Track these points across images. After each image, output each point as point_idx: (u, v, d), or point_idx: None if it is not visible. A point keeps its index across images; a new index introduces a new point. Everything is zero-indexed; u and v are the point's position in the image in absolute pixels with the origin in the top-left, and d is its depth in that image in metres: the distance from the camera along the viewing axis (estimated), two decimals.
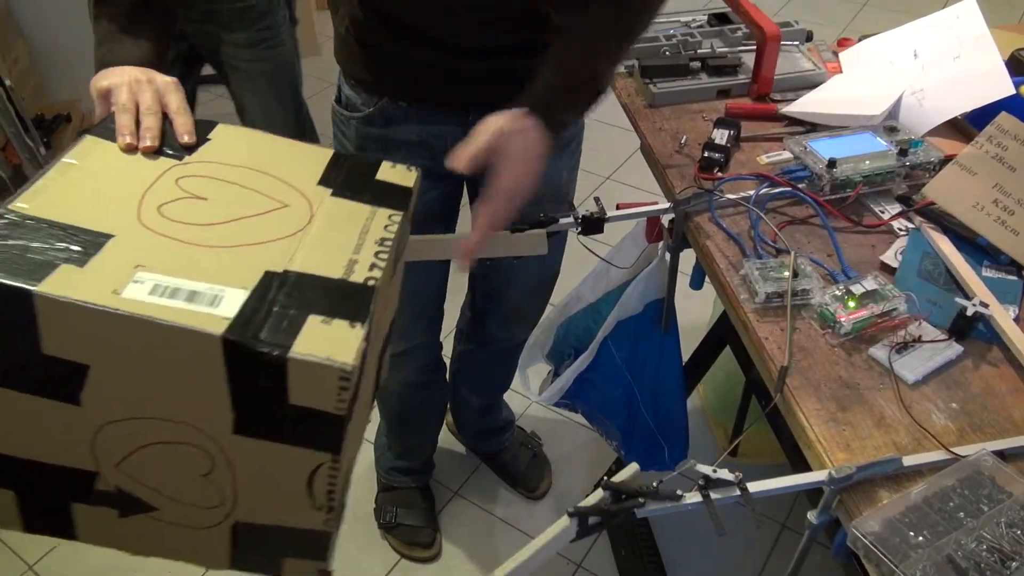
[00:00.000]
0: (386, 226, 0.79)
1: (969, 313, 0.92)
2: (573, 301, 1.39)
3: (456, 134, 1.04)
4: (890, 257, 1.05)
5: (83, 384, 0.65)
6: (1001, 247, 1.03)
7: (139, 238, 0.69)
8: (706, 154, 1.19)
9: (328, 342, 0.64)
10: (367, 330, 0.66)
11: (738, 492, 0.79)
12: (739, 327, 1.01)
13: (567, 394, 1.36)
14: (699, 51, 1.39)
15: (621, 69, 1.43)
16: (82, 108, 2.69)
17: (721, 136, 1.22)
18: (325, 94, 1.06)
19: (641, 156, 1.32)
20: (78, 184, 0.73)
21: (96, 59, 0.87)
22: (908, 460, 0.81)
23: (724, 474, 0.79)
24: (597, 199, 1.12)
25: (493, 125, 0.89)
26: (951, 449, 0.82)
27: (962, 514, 0.76)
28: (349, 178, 0.84)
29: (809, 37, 1.46)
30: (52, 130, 2.49)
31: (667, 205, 1.16)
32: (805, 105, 1.29)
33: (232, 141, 0.85)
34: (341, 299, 0.68)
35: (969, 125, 1.24)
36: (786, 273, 0.98)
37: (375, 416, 1.67)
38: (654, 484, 0.79)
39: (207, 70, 2.02)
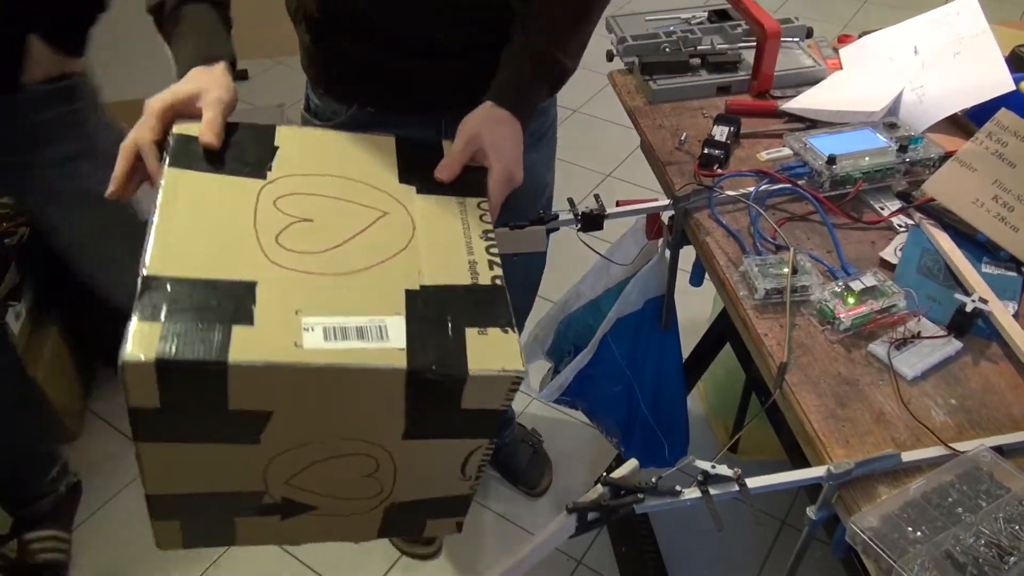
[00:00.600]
0: (481, 216, 0.83)
1: (968, 309, 0.92)
2: (573, 298, 1.39)
3: (430, 136, 1.04)
4: (889, 253, 1.05)
5: (265, 427, 0.70)
6: (1001, 243, 1.03)
7: (280, 279, 0.71)
8: (706, 151, 1.19)
9: (494, 353, 0.70)
10: (517, 330, 0.72)
11: (737, 488, 0.79)
12: (739, 324, 1.01)
13: (567, 391, 1.36)
14: (699, 48, 1.39)
15: (618, 57, 1.43)
16: None
17: (721, 133, 1.22)
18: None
19: (641, 153, 1.32)
20: (191, 228, 0.73)
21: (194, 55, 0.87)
22: (907, 456, 0.81)
23: (723, 470, 0.79)
24: (597, 196, 1.12)
25: (465, 129, 0.90)
26: (950, 445, 0.82)
27: (960, 510, 0.76)
28: (425, 171, 0.86)
29: (809, 33, 1.45)
30: None
31: (667, 202, 1.16)
32: (805, 101, 1.29)
33: (299, 145, 0.86)
34: (483, 306, 0.73)
35: (969, 121, 1.24)
36: (785, 269, 0.98)
37: None
38: (653, 480, 0.80)
39: None
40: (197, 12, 0.90)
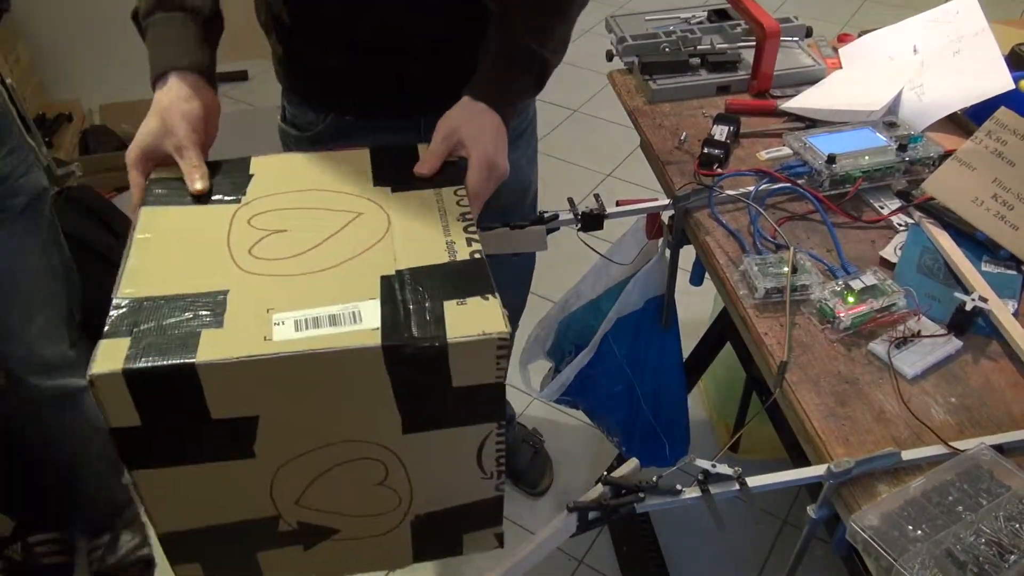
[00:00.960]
0: (458, 201, 0.82)
1: (968, 308, 0.92)
2: (573, 298, 1.39)
3: (409, 140, 1.04)
4: (889, 252, 1.05)
5: (255, 436, 0.67)
6: (1000, 242, 1.03)
7: (251, 285, 0.70)
8: (706, 150, 1.19)
9: (474, 319, 0.67)
10: (499, 298, 0.69)
11: (737, 487, 0.79)
12: (739, 323, 1.01)
13: (568, 390, 1.36)
14: (699, 47, 1.39)
15: (618, 57, 1.43)
16: (82, 107, 2.69)
17: (721, 132, 1.22)
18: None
19: (641, 153, 1.33)
20: (164, 255, 0.73)
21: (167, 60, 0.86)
22: (907, 454, 0.81)
23: (723, 469, 0.79)
24: (597, 196, 1.12)
25: (443, 124, 0.89)
26: (950, 443, 0.82)
27: (961, 508, 0.76)
28: (399, 171, 0.86)
29: (809, 33, 1.46)
30: (54, 129, 2.49)
31: (667, 201, 1.16)
32: (805, 101, 1.29)
33: (273, 169, 0.86)
34: (462, 279, 0.71)
35: (969, 120, 1.24)
36: (785, 269, 0.98)
37: None
38: (654, 479, 0.80)
39: None
40: (164, 22, 0.87)
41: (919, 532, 0.74)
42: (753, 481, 0.80)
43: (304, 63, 1.03)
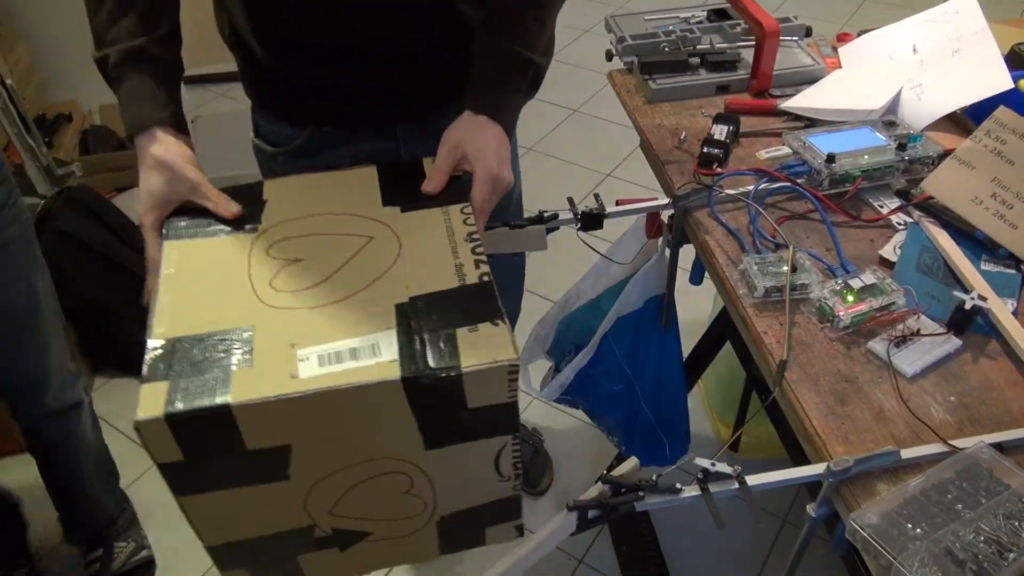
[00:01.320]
0: (465, 220, 0.85)
1: (967, 307, 0.92)
2: (573, 297, 1.39)
3: (388, 149, 1.04)
4: (889, 251, 1.05)
5: (288, 461, 0.72)
6: (1000, 241, 1.03)
7: (275, 319, 0.74)
8: (705, 150, 1.19)
9: (486, 347, 0.71)
10: (508, 322, 0.73)
11: (736, 486, 0.79)
12: (738, 322, 1.01)
13: (568, 390, 1.36)
14: (698, 47, 1.39)
15: (617, 57, 1.43)
16: (82, 108, 2.69)
17: (720, 132, 1.22)
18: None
19: (640, 152, 1.33)
20: (190, 291, 0.78)
21: (143, 118, 0.87)
22: (906, 453, 0.81)
23: (723, 467, 0.79)
24: (597, 195, 1.12)
25: (447, 140, 0.90)
26: (949, 442, 0.82)
27: (960, 506, 0.76)
28: (407, 189, 0.89)
29: (808, 32, 1.46)
30: (53, 130, 2.49)
31: (666, 201, 1.16)
32: (804, 100, 1.29)
33: (286, 194, 0.89)
34: (471, 305, 0.75)
35: (968, 119, 1.24)
36: (785, 268, 0.98)
37: None
38: (653, 478, 0.80)
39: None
40: (136, 74, 0.88)
41: (918, 530, 0.74)
42: (752, 480, 0.80)
43: (275, 78, 1.02)
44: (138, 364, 0.70)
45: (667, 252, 1.24)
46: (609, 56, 1.43)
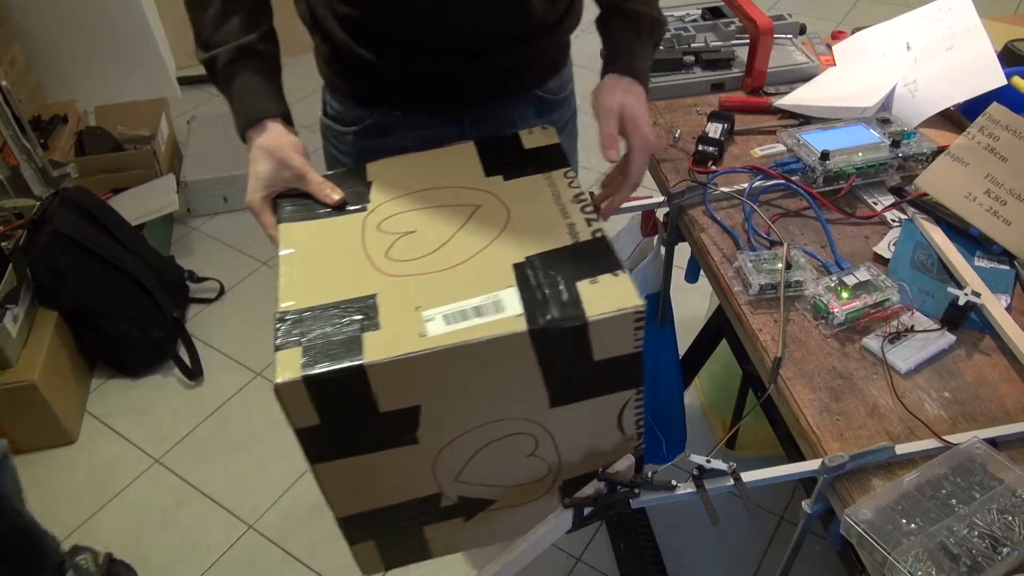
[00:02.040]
0: (570, 183, 0.87)
1: (961, 303, 0.93)
2: None
3: (453, 136, 1.05)
4: (883, 248, 1.05)
5: (418, 423, 0.74)
6: (993, 237, 1.03)
7: (395, 286, 0.76)
8: (700, 147, 1.20)
9: (609, 296, 0.72)
10: (628, 273, 0.74)
11: (732, 482, 0.80)
12: (734, 319, 1.01)
13: None
14: (693, 45, 1.39)
15: None
16: (78, 109, 2.69)
17: (715, 130, 1.23)
18: (311, 100, 1.03)
19: None
20: (310, 267, 0.80)
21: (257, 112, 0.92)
22: (901, 449, 0.81)
23: (718, 464, 0.80)
24: (592, 193, 1.12)
25: (603, 104, 0.95)
26: (943, 437, 0.82)
27: (954, 501, 0.76)
28: (506, 160, 0.91)
29: (802, 30, 1.46)
30: (49, 131, 2.48)
31: (661, 199, 1.16)
32: (798, 98, 1.30)
33: (389, 174, 0.91)
34: (588, 259, 0.76)
35: (962, 116, 1.24)
36: (779, 265, 0.98)
37: None
38: (649, 475, 0.80)
39: None
40: (248, 71, 0.93)
41: (913, 525, 0.74)
42: (748, 476, 0.80)
43: (350, 63, 1.04)
44: (136, 364, 0.70)
45: (662, 250, 1.24)
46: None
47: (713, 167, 1.18)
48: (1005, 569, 0.72)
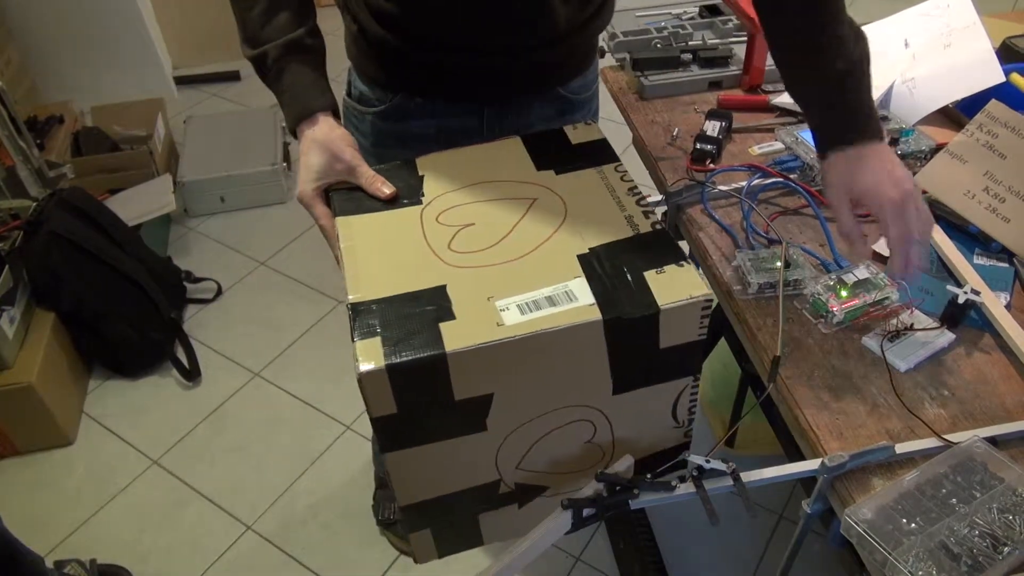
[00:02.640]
0: (622, 177, 0.89)
1: (961, 301, 0.92)
2: None
3: (473, 125, 1.06)
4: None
5: (488, 411, 0.76)
6: (992, 235, 1.03)
7: (463, 277, 0.77)
8: (698, 146, 1.19)
9: (677, 285, 0.74)
10: (693, 263, 0.76)
11: (731, 482, 0.79)
12: (732, 318, 1.01)
13: None
14: (690, 43, 1.39)
15: (610, 53, 1.43)
16: (74, 109, 2.68)
17: (713, 128, 1.22)
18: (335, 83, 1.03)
19: (633, 149, 1.33)
20: (375, 260, 0.81)
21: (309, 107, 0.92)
22: (901, 448, 0.81)
23: (717, 464, 0.79)
24: None
25: (835, 190, 0.89)
26: (943, 436, 0.82)
27: (954, 500, 0.76)
28: (556, 154, 0.92)
29: None
30: (45, 132, 2.48)
31: (659, 197, 1.16)
32: None
33: (440, 168, 0.92)
34: (651, 250, 0.78)
35: (960, 113, 1.24)
36: (778, 263, 0.98)
37: None
38: (648, 475, 0.80)
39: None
40: (297, 65, 0.93)
41: (913, 525, 0.74)
42: (747, 476, 0.80)
43: (377, 48, 1.05)
44: (133, 365, 0.70)
45: None
46: (602, 53, 1.42)
47: (711, 165, 1.17)
48: (1006, 568, 0.71)
